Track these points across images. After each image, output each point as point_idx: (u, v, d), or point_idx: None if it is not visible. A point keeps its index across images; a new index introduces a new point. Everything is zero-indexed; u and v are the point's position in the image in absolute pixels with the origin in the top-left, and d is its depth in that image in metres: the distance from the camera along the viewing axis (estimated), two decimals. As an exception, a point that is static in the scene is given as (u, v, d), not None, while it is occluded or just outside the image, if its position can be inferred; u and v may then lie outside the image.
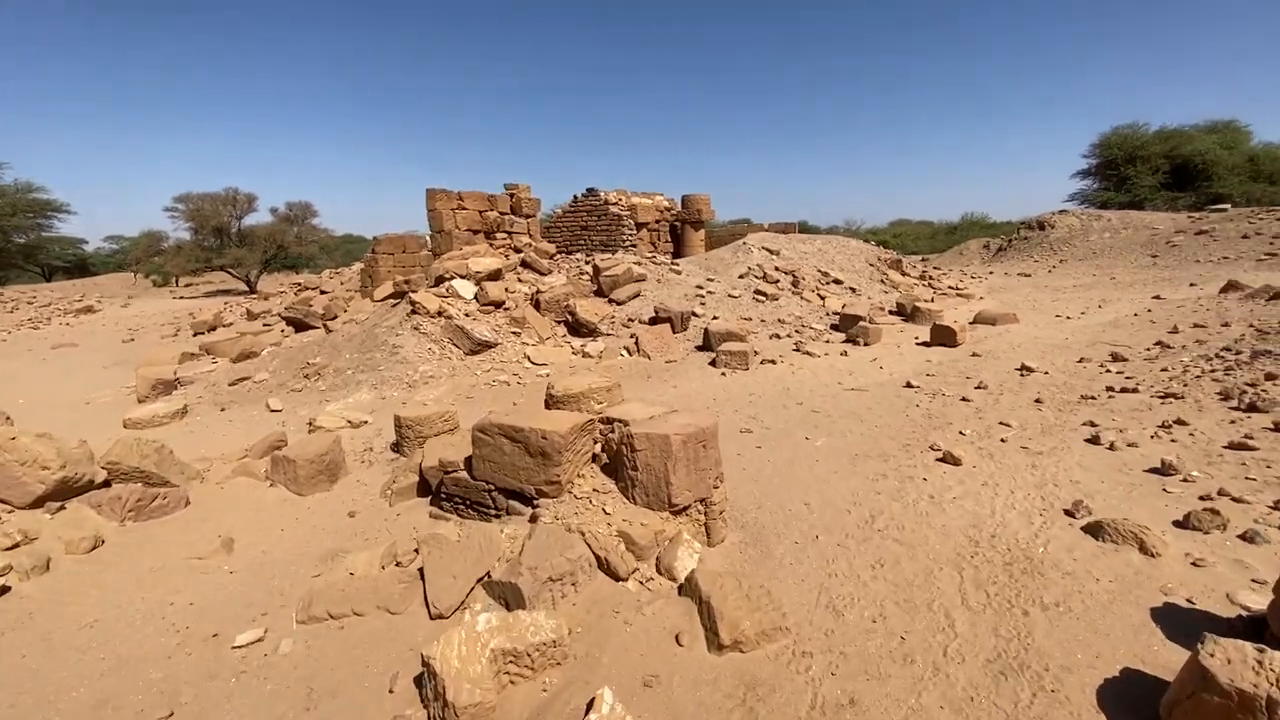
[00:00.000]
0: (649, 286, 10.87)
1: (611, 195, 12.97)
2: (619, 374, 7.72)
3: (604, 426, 3.53)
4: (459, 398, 6.96)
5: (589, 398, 3.71)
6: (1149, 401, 5.39)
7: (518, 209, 13.60)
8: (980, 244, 27.54)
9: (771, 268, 12.24)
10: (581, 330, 9.21)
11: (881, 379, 6.99)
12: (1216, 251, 16.74)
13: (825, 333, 9.57)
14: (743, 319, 9.92)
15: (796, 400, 6.27)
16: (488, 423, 3.38)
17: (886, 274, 14.51)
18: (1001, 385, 6.38)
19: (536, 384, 7.43)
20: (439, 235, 12.46)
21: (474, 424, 3.47)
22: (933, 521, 3.56)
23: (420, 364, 7.68)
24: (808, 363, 7.90)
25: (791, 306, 10.66)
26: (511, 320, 8.95)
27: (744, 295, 10.88)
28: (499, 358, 8.15)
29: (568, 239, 13.33)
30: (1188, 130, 28.89)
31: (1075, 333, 9.07)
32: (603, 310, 9.57)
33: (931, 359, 7.86)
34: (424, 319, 8.56)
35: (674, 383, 7.27)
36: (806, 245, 14.85)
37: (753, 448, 4.96)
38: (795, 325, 9.73)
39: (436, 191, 12.36)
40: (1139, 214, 22.25)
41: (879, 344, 8.91)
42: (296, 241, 40.31)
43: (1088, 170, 30.61)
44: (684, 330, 9.29)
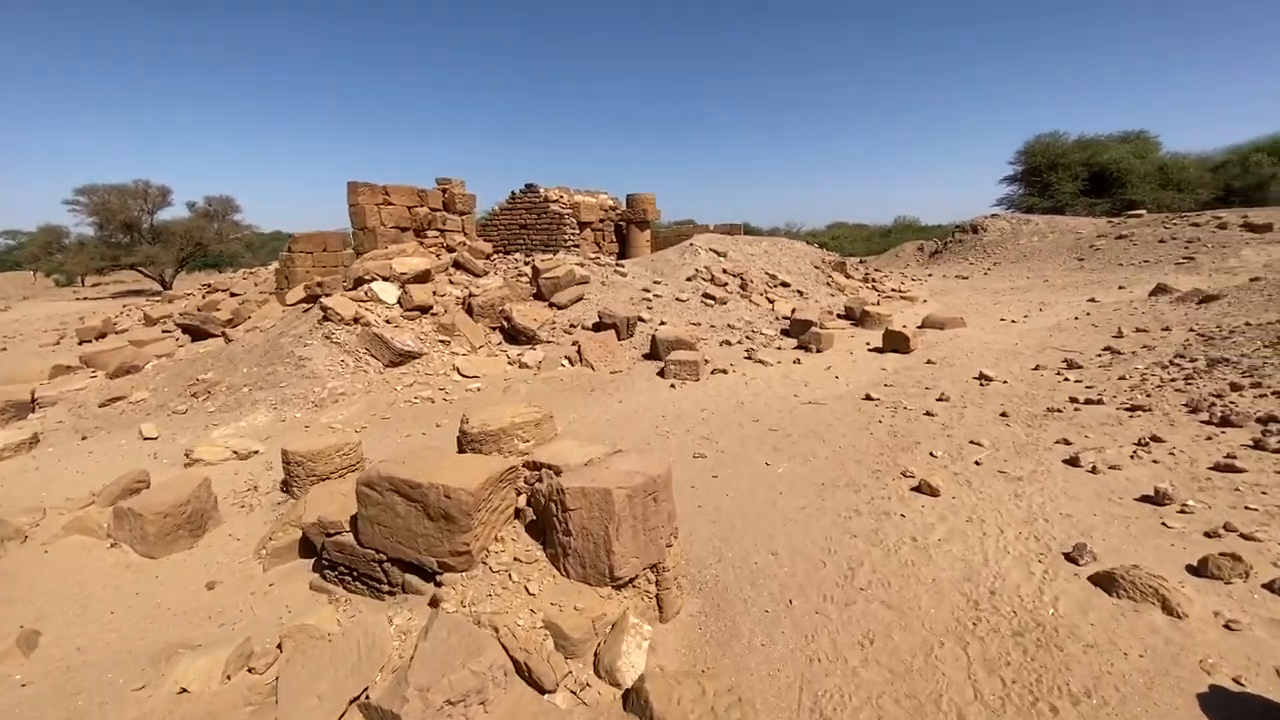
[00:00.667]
0: (592, 289, 10.16)
1: (552, 192, 12.17)
2: (559, 387, 6.98)
3: (531, 473, 2.82)
4: (373, 419, 6.06)
5: (512, 435, 2.99)
6: (1117, 415, 5.08)
7: (451, 205, 12.61)
8: (915, 246, 28.11)
9: (719, 270, 11.73)
10: (519, 337, 8.41)
11: (839, 390, 6.52)
12: (1137, 255, 17.38)
13: (776, 338, 9.10)
14: (691, 324, 9.34)
15: (752, 416, 5.70)
16: (376, 474, 2.62)
17: (832, 277, 14.28)
18: (963, 396, 6.01)
19: (466, 400, 6.60)
20: (362, 233, 11.36)
21: (360, 475, 2.70)
22: (920, 574, 3.01)
23: (330, 379, 6.72)
24: (761, 372, 7.37)
25: (741, 310, 10.16)
26: (440, 327, 8.06)
27: (692, 299, 10.31)
28: (424, 370, 7.27)
29: (505, 238, 12.44)
30: (1103, 140, 30.40)
31: (1023, 337, 8.93)
32: (542, 315, 8.80)
33: (886, 367, 7.48)
34: (337, 326, 7.57)
35: (620, 396, 6.60)
36: (753, 247, 14.45)
37: (708, 477, 4.33)
38: (746, 331, 9.23)
39: (359, 185, 11.26)
40: (1063, 219, 23.08)
41: (831, 350, 8.50)
42: (217, 239, 37.52)
43: (1014, 176, 31.74)
44: (630, 337, 8.63)
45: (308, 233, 12.51)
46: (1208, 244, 16.77)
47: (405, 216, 11.96)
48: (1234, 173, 26.22)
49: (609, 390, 6.84)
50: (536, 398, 6.60)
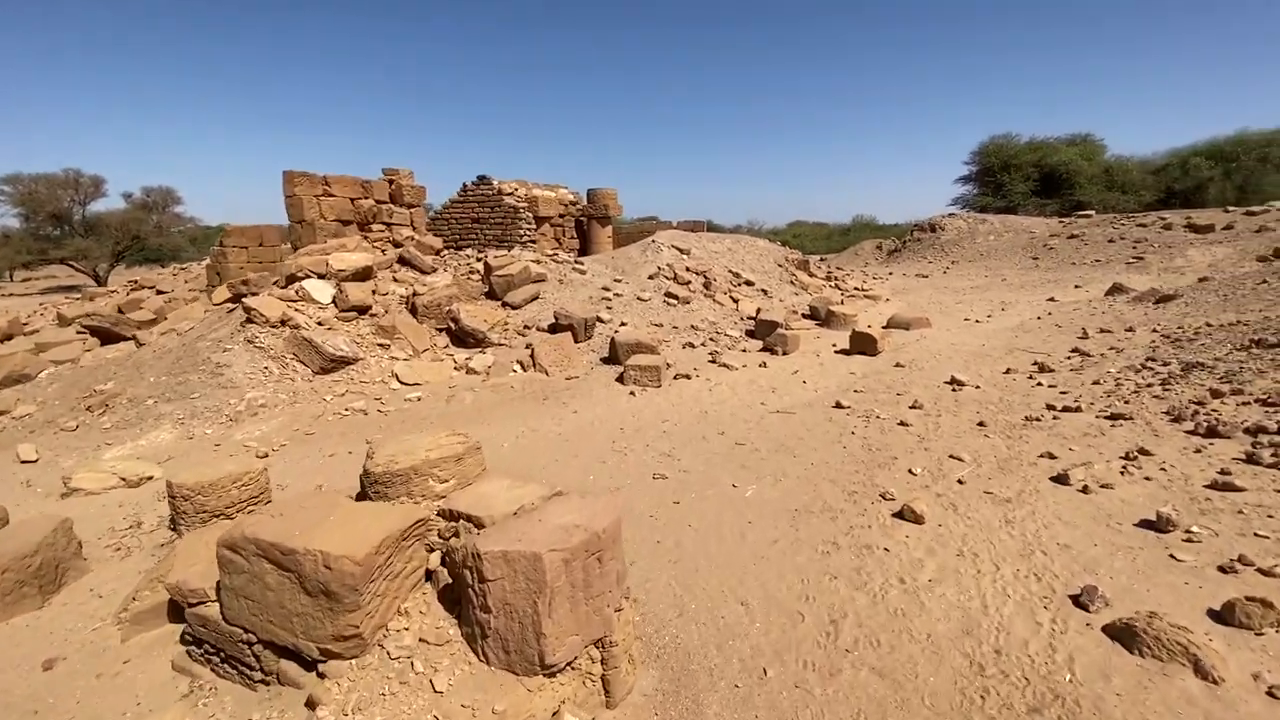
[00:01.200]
0: (549, 288, 9.56)
1: (506, 185, 11.49)
2: (509, 395, 6.39)
3: (447, 524, 2.26)
4: (296, 435, 5.37)
5: (426, 475, 2.42)
6: (1098, 424, 4.79)
7: (398, 197, 11.81)
8: (874, 244, 28.32)
9: (683, 268, 11.26)
10: (467, 340, 7.76)
11: (808, 397, 6.11)
12: (1089, 254, 17.64)
13: (741, 340, 8.67)
14: (653, 325, 8.85)
15: (718, 429, 5.23)
16: (241, 535, 2.03)
17: (795, 275, 13.98)
18: (936, 403, 5.67)
19: (404, 411, 5.95)
20: (299, 226, 10.49)
21: (222, 535, 2.10)
22: (913, 627, 2.57)
23: (250, 389, 5.99)
24: (726, 377, 6.92)
25: (705, 311, 9.71)
26: (379, 329, 7.36)
27: (654, 298, 9.81)
28: (359, 377, 6.58)
29: (457, 233, 11.71)
30: (1052, 142, 31.11)
31: (989, 337, 8.72)
32: (494, 316, 8.17)
33: (855, 371, 7.12)
34: (262, 329, 6.81)
35: (575, 405, 6.05)
36: (717, 245, 14.05)
37: (669, 503, 3.83)
38: (709, 332, 8.78)
39: (295, 174, 10.38)
40: (1017, 218, 23.42)
41: (798, 352, 8.11)
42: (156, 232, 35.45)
43: (969, 176, 32.27)
44: (588, 339, 8.08)
45: (241, 225, 11.55)
46: (1155, 244, 17.12)
47: (348, 209, 11.12)
48: (1174, 175, 27.11)
49: (564, 399, 6.28)
50: (483, 408, 6.00)
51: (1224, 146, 26.19)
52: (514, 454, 4.82)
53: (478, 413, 5.87)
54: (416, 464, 2.39)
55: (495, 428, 5.42)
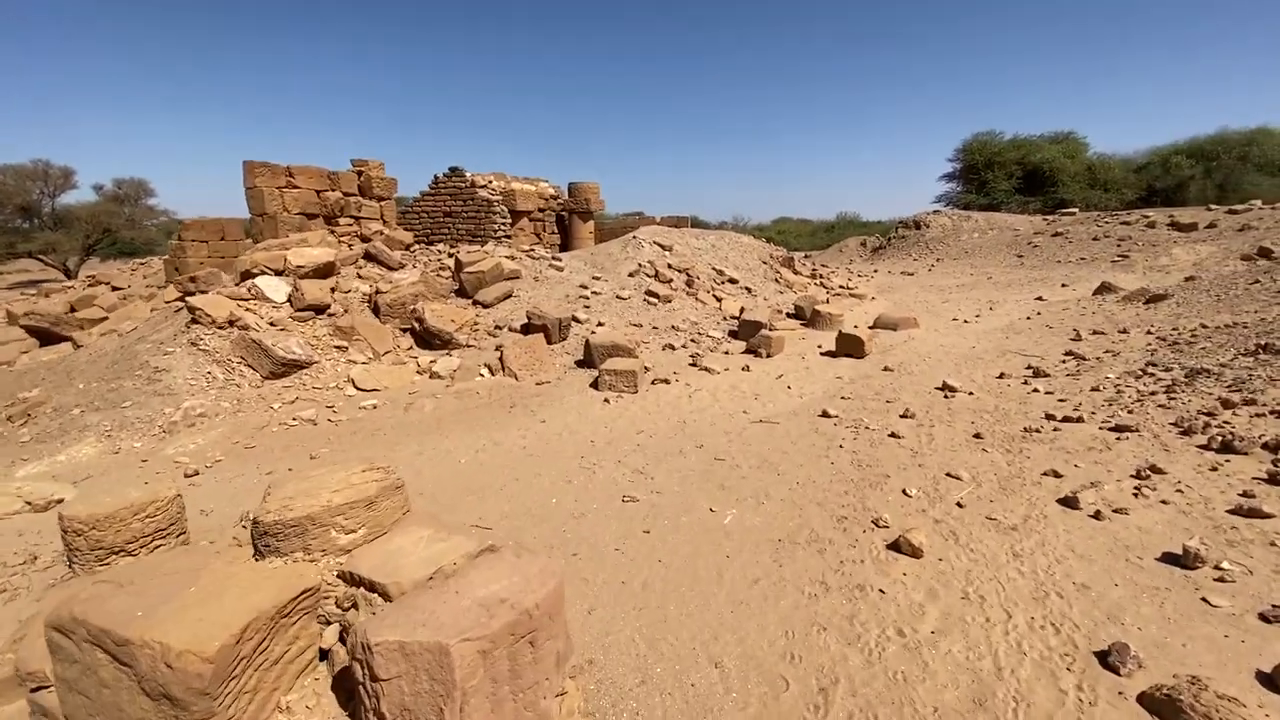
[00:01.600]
0: (524, 286, 9.09)
1: (480, 177, 10.96)
2: (473, 402, 5.92)
3: (346, 590, 1.82)
4: (234, 448, 4.87)
5: (329, 525, 1.96)
6: (1102, 437, 4.44)
7: (367, 190, 11.24)
8: (858, 241, 28.14)
9: (664, 265, 10.83)
10: (433, 341, 7.27)
11: (793, 404, 5.72)
12: (1074, 252, 17.47)
13: (724, 341, 8.27)
14: (632, 325, 8.41)
15: (695, 441, 4.82)
16: (70, 616, 1.57)
17: (780, 273, 13.61)
18: (929, 412, 5.30)
19: (357, 421, 5.47)
20: (261, 220, 9.91)
21: (49, 615, 1.64)
22: (917, 697, 2.17)
23: (189, 396, 5.47)
24: (707, 382, 6.50)
25: (686, 310, 9.29)
26: (336, 330, 6.85)
27: (634, 297, 9.37)
28: (312, 383, 6.08)
29: (429, 228, 11.17)
30: (1035, 139, 31.04)
31: (979, 339, 8.39)
32: (463, 315, 7.68)
33: (842, 375, 6.74)
34: (207, 330, 6.27)
35: (544, 414, 5.59)
36: (700, 241, 13.63)
37: (638, 533, 3.40)
38: (691, 333, 8.36)
39: (256, 165, 9.79)
40: (1001, 216, 23.27)
41: (782, 355, 7.72)
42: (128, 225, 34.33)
43: (952, 174, 32.14)
44: (562, 340, 7.62)
45: (201, 219, 10.92)
46: (1139, 242, 16.97)
47: (313, 201, 10.54)
48: (1155, 173, 27.12)
49: (533, 406, 5.82)
50: (444, 417, 5.53)
51: (1204, 145, 26.24)
52: (471, 470, 4.36)
53: (437, 423, 5.40)
54: (316, 511, 1.93)
55: (454, 440, 4.96)
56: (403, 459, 4.61)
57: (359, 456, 4.60)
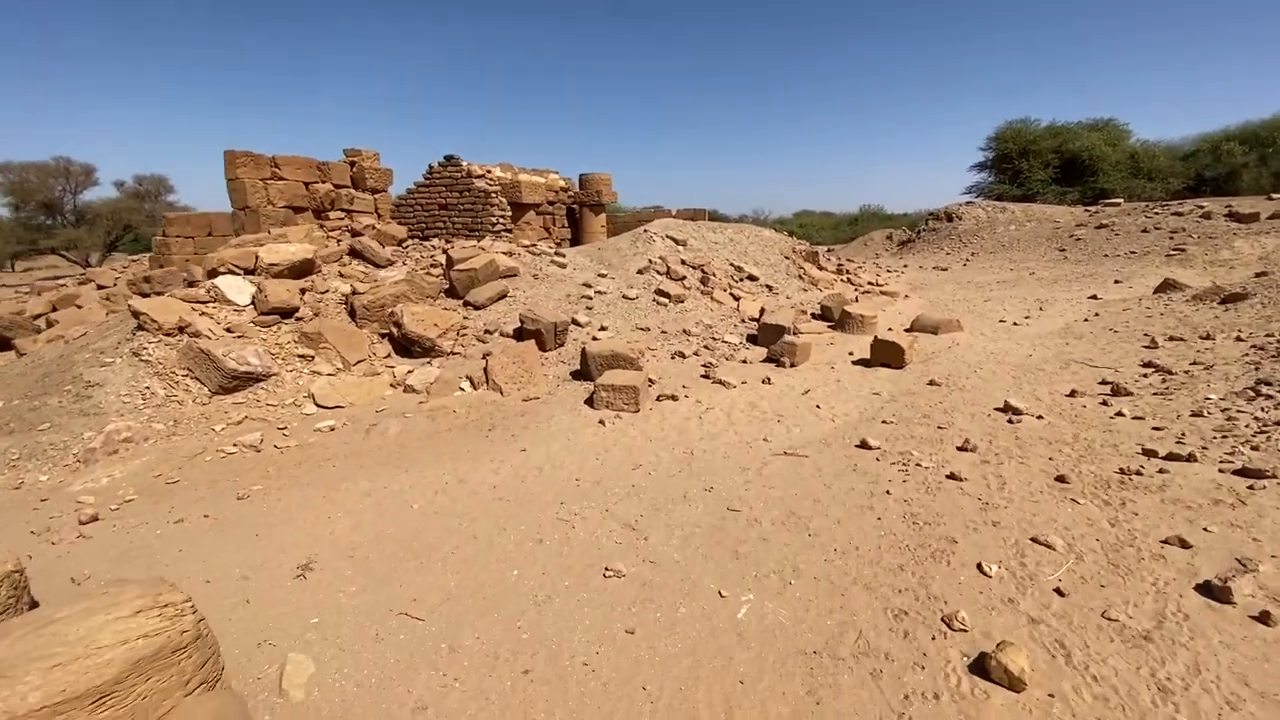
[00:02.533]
0: (521, 285, 8.20)
1: (477, 167, 10.10)
2: (447, 424, 5.05)
3: None
4: (154, 484, 4.06)
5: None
6: (1229, 485, 3.41)
7: (360, 182, 10.45)
8: (884, 235, 26.88)
9: (677, 261, 9.86)
10: (413, 349, 6.42)
11: (823, 430, 4.75)
12: (1121, 245, 16.08)
13: (742, 347, 7.29)
14: (639, 329, 7.48)
15: (704, 480, 3.88)
16: None
17: (804, 268, 12.55)
18: (992, 442, 4.29)
19: (307, 447, 4.63)
20: (242, 214, 9.16)
21: None
22: None
23: (118, 416, 4.68)
24: (721, 399, 5.55)
25: (700, 311, 8.33)
26: (301, 337, 6.02)
27: (642, 296, 8.43)
28: (266, 398, 5.26)
29: (424, 221, 10.36)
30: (1072, 127, 29.29)
31: (1034, 345, 7.30)
32: (448, 319, 6.81)
33: (880, 390, 5.74)
34: (153, 338, 5.49)
35: (526, 440, 4.70)
36: (717, 235, 12.62)
37: (619, 633, 2.49)
38: (704, 338, 7.40)
39: (238, 155, 9.03)
40: (1040, 207, 21.84)
41: (809, 364, 6.73)
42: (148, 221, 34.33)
43: (984, 164, 30.52)
44: (559, 347, 6.72)
45: (186, 213, 10.24)
46: (1194, 234, 15.52)
47: (301, 194, 9.76)
48: (1205, 161, 25.31)
49: (515, 429, 4.93)
50: (409, 443, 4.66)
51: (1259, 130, 24.37)
52: (422, 521, 3.48)
53: (399, 450, 4.53)
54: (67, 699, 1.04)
55: (413, 475, 4.08)
56: (345, 501, 3.75)
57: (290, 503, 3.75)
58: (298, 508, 3.68)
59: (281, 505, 3.72)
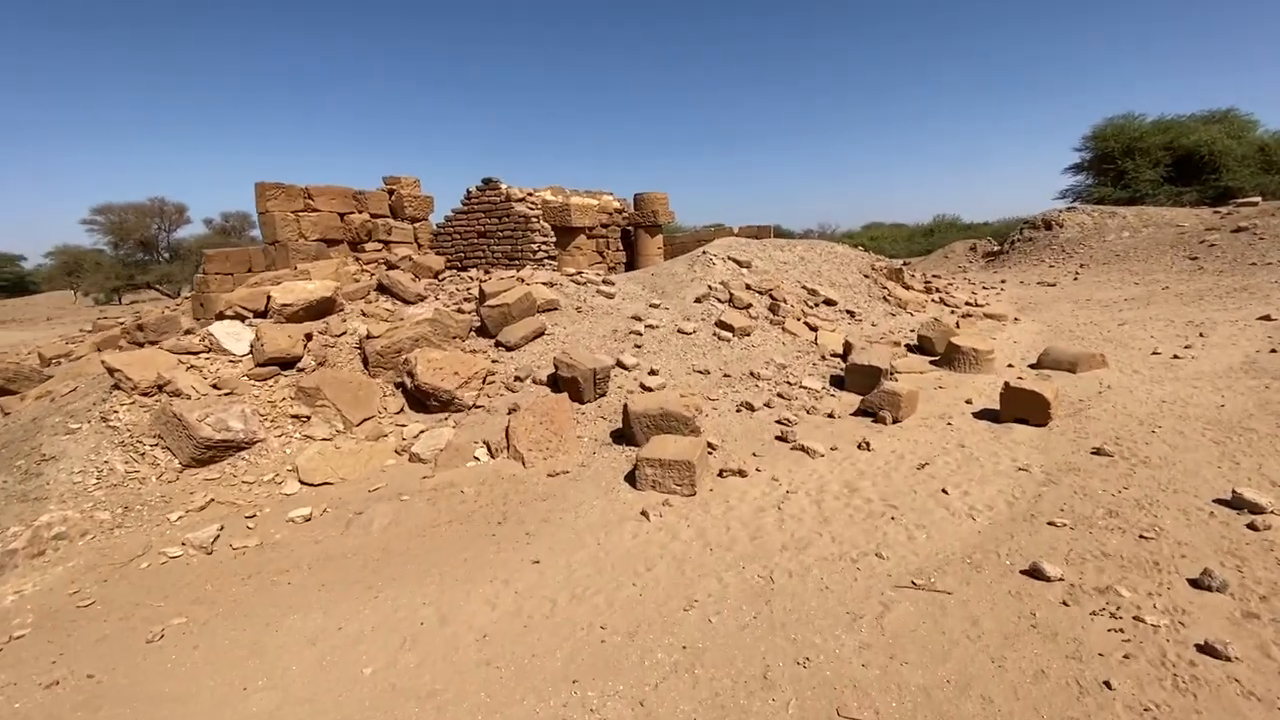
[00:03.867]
0: (562, 319, 7.11)
1: (518, 190, 9.19)
2: (448, 513, 3.91)
3: None
4: (64, 606, 3.09)
5: None
6: None
7: (399, 210, 9.75)
8: (966, 246, 24.60)
9: (741, 286, 8.53)
10: (429, 402, 5.39)
11: (962, 535, 3.28)
12: (1271, 252, 13.45)
13: (825, 395, 5.86)
14: (696, 372, 6.19)
15: (793, 645, 2.52)
16: None
17: (888, 289, 10.91)
18: (1243, 572, 2.73)
19: (270, 548, 3.59)
20: (273, 248, 8.57)
21: None
22: None
23: (60, 503, 3.81)
24: (805, 475, 4.17)
25: (770, 347, 6.95)
26: (299, 393, 5.10)
27: (701, 330, 7.15)
28: (245, 473, 4.32)
29: (462, 250, 9.52)
30: (1184, 120, 25.98)
31: (1216, 389, 5.48)
32: (471, 366, 5.76)
33: (1027, 463, 4.18)
34: (126, 399, 4.68)
35: (541, 545, 3.48)
36: (786, 253, 11.19)
37: None
38: (777, 383, 6.02)
39: (268, 186, 8.47)
40: (1156, 210, 19.08)
41: (915, 417, 5.23)
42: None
43: (1080, 165, 27.51)
44: (599, 397, 5.53)
45: (225, 249, 9.82)
46: (1372, 236, 12.74)
47: (335, 226, 9.13)
48: (1358, 150, 21.58)
49: (531, 521, 3.73)
50: (393, 547, 3.54)
51: None
52: (367, 700, 2.31)
53: (379, 557, 3.41)
54: None
55: (381, 606, 2.94)
56: (279, 653, 2.64)
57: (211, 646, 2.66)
58: (212, 666, 2.59)
59: (194, 658, 2.65)
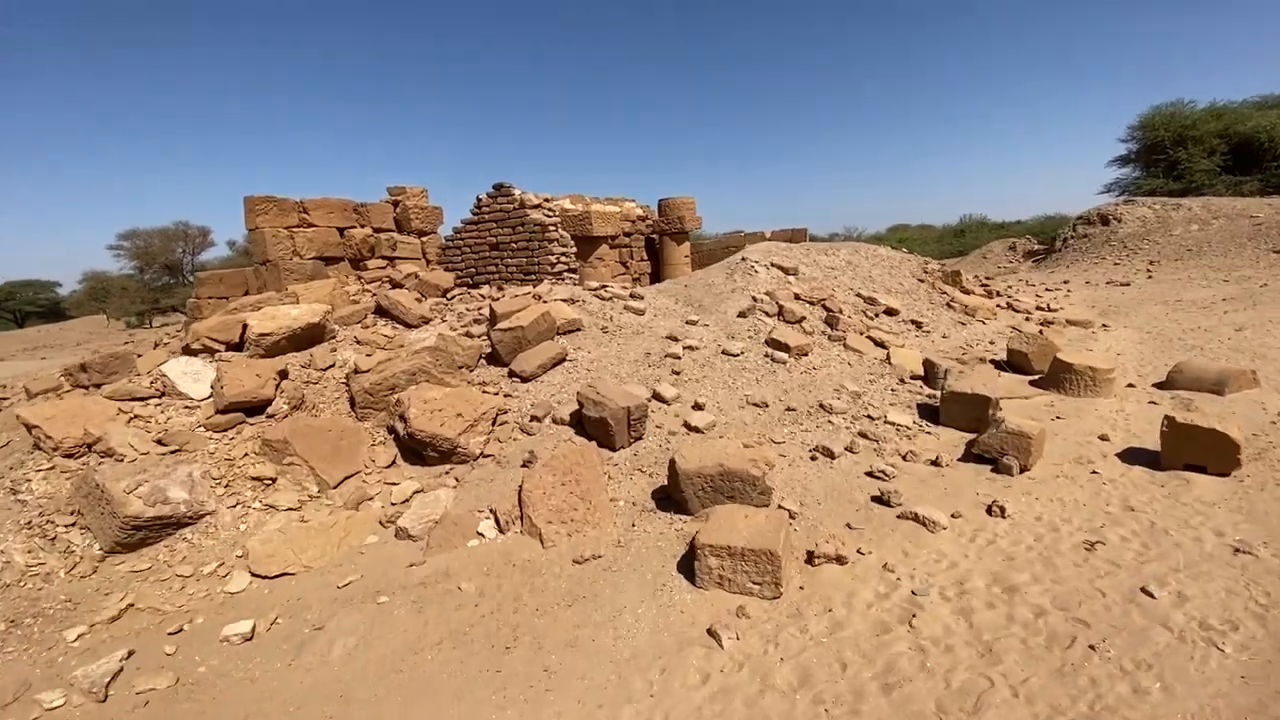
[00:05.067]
0: (586, 341, 6.02)
1: (532, 196, 8.19)
2: (445, 623, 2.81)
3: None
4: None
5: None
6: None
7: (405, 223, 8.80)
8: (1005, 245, 23.21)
9: (789, 296, 7.37)
10: (425, 452, 4.32)
11: (1218, 686, 2.07)
12: (1376, 240, 11.84)
13: (917, 432, 4.64)
14: (751, 404, 5.04)
15: None
16: None
17: (950, 294, 9.64)
18: None
19: (194, 689, 2.53)
20: (264, 269, 7.67)
21: None
22: None
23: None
24: (928, 563, 2.98)
25: (835, 368, 5.77)
26: (264, 446, 4.07)
27: (749, 351, 6.00)
28: (182, 560, 3.28)
29: (473, 265, 8.52)
30: (1236, 107, 24.21)
31: None
32: (479, 405, 4.69)
33: (1244, 540, 2.94)
34: (43, 464, 3.70)
35: (562, 697, 2.37)
36: (831, 258, 10.00)
37: None
38: (855, 416, 4.82)
39: (258, 201, 7.58)
40: (1223, 201, 17.45)
41: (1046, 464, 4.00)
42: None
43: (1127, 156, 25.74)
44: (634, 440, 4.40)
45: (219, 271, 8.97)
46: None
47: (334, 242, 8.20)
48: None
49: (554, 645, 2.62)
50: (357, 685, 2.45)
51: None
52: None
53: (337, 713, 2.32)
54: None
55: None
56: None
57: None
58: None
59: None
